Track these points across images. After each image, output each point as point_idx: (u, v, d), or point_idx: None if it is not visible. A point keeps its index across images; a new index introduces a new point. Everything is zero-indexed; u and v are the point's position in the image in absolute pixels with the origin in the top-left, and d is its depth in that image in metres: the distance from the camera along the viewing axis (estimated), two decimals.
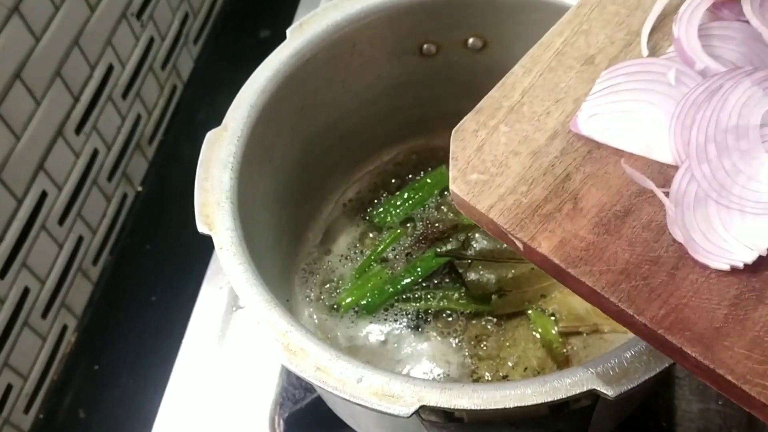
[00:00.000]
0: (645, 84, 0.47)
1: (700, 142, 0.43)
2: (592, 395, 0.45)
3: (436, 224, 0.79)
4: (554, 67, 0.50)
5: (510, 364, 0.69)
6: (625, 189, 0.45)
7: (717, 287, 0.41)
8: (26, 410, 0.88)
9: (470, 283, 0.72)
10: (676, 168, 0.44)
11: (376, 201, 0.81)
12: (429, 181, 0.81)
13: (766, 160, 0.42)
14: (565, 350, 0.69)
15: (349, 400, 0.47)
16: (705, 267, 0.41)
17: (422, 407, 0.46)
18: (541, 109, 0.49)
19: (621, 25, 0.52)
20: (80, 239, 0.95)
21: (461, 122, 0.49)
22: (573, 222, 0.44)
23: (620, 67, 0.48)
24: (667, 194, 0.43)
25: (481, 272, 0.73)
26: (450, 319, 0.73)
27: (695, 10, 0.48)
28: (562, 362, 0.68)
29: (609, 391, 0.43)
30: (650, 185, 0.43)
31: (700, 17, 0.48)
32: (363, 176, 0.81)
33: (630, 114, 0.47)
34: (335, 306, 0.74)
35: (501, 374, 0.69)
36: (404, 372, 0.70)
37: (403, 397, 0.47)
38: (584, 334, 0.70)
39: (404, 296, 0.74)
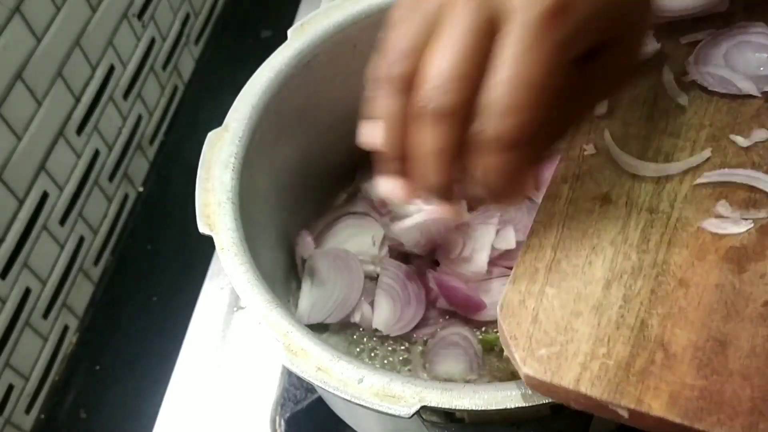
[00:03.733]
0: None
1: None
2: None
3: None
4: (573, 214, 0.48)
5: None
6: (709, 320, 0.42)
7: None
8: (27, 410, 0.88)
9: None
10: None
11: None
12: None
13: None
14: None
15: (350, 401, 0.47)
16: None
17: (423, 408, 0.46)
18: (581, 260, 0.46)
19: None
20: (81, 239, 0.95)
21: (502, 298, 0.45)
22: (673, 371, 0.40)
23: None
24: None
25: None
26: None
27: None
28: None
29: None
30: None
31: None
32: (364, 177, 0.82)
33: None
34: None
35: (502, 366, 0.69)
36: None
37: (404, 397, 0.47)
38: None
39: None
